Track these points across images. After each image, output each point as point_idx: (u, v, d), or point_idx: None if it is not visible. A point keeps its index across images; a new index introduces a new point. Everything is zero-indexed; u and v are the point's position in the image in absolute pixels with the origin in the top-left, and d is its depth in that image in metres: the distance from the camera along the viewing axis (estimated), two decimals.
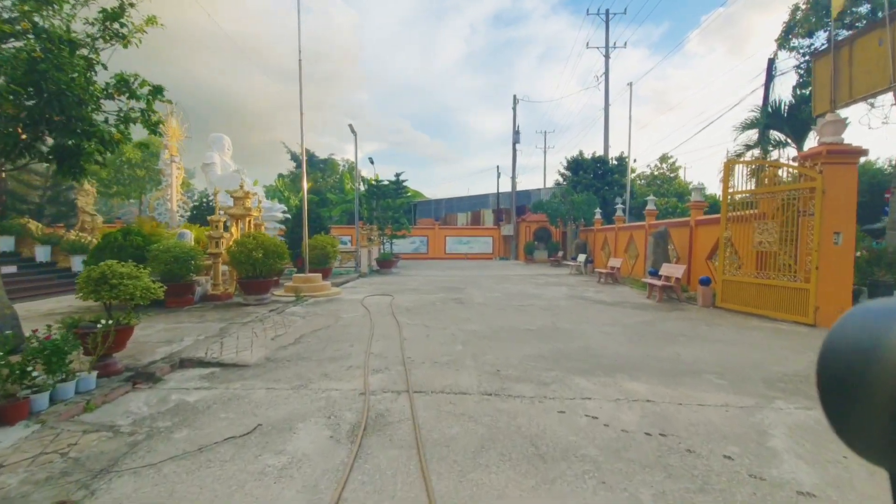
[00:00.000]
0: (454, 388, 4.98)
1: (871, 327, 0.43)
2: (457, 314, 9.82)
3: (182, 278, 10.57)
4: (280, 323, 8.76)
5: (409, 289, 14.72)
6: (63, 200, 17.99)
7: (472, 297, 12.75)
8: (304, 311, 10.01)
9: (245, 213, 12.77)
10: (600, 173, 32.74)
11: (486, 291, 14.00)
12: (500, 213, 35.95)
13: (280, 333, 7.82)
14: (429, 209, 38.62)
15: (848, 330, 0.46)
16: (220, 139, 24.03)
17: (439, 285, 15.90)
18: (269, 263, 10.90)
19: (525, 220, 32.43)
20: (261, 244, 10.70)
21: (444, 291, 14.01)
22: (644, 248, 18.10)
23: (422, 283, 16.54)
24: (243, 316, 9.37)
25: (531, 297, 12.63)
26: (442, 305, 11.08)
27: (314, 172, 40.97)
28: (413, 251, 33.62)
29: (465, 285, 15.86)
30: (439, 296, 12.92)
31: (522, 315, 9.74)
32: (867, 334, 0.43)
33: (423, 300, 11.99)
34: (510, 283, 16.96)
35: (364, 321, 8.98)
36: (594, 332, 8.07)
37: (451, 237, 34.30)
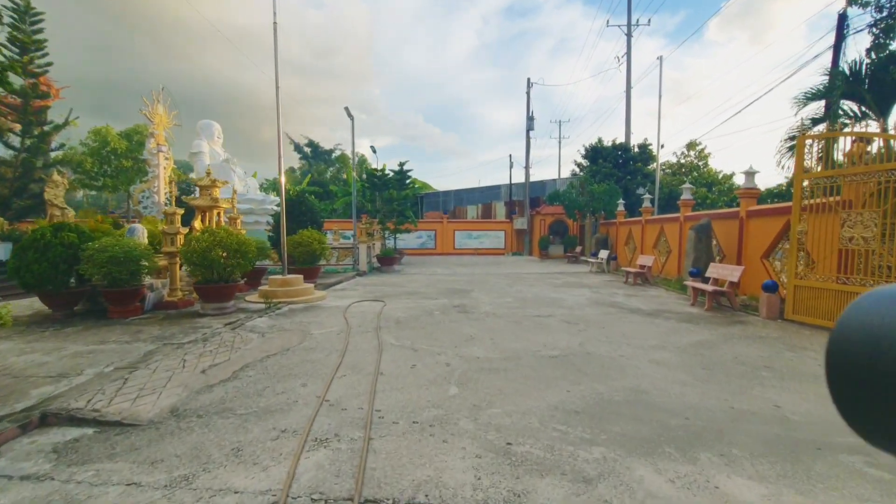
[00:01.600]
0: (435, 493, 2.94)
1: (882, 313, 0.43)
2: (458, 330, 7.78)
3: (126, 283, 8.71)
4: (228, 344, 6.81)
5: (407, 292, 12.72)
6: (32, 193, 16.39)
7: (480, 303, 10.69)
8: (267, 325, 8.07)
9: (211, 205, 10.87)
10: (621, 162, 30.33)
11: (496, 296, 11.92)
12: (512, 206, 33.74)
13: (218, 362, 5.87)
14: (436, 202, 36.57)
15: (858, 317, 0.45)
16: (209, 126, 22.23)
17: (443, 287, 13.87)
18: (233, 265, 8.97)
19: (539, 212, 30.20)
20: (220, 241, 8.77)
21: (448, 296, 11.98)
22: (679, 244, 15.84)
23: (423, 285, 14.53)
24: (188, 332, 7.46)
25: (550, 304, 10.53)
26: (441, 316, 9.05)
27: (318, 164, 39.22)
28: (419, 246, 31.63)
29: (472, 287, 13.80)
30: (440, 302, 10.89)
31: (541, 332, 7.66)
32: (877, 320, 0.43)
33: (419, 308, 9.98)
34: (524, 283, 14.86)
35: (338, 341, 7.00)
36: (641, 360, 5.96)
37: (460, 231, 32.22)
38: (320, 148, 41.33)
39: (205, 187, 11.03)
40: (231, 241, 8.88)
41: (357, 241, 19.01)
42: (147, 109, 22.20)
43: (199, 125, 22.16)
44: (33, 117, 16.39)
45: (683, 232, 15.60)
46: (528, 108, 31.10)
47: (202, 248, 8.57)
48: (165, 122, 22.46)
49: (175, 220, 9.78)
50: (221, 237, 8.85)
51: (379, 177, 22.24)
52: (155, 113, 22.57)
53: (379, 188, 22.44)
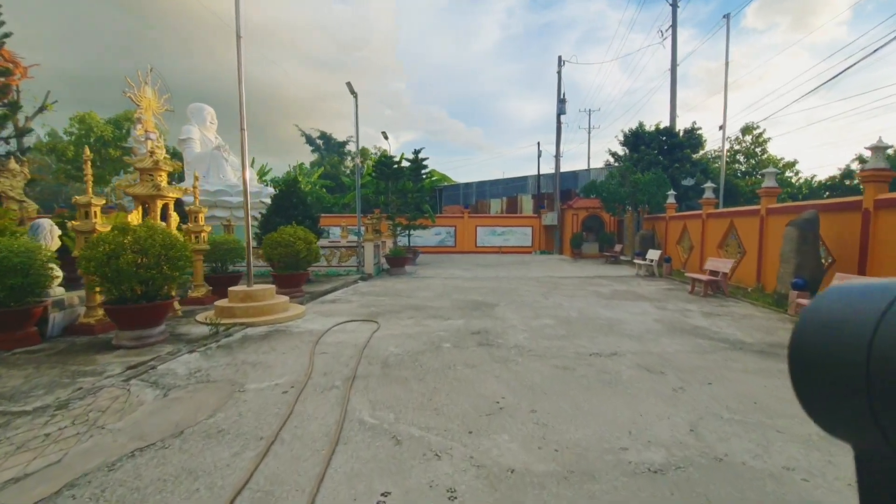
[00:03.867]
0: None
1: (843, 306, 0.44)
2: (477, 386, 4.91)
3: (8, 301, 6.18)
4: (95, 415, 4.13)
5: (414, 305, 9.89)
6: None
7: (508, 327, 7.78)
8: (186, 371, 5.35)
9: (154, 194, 8.27)
10: (666, 148, 26.78)
11: (529, 314, 8.97)
12: (541, 199, 30.53)
13: (34, 469, 3.17)
14: (457, 195, 33.63)
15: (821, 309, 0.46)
16: (200, 109, 19.88)
17: (460, 298, 10.99)
18: (153, 276, 6.30)
19: (571, 206, 26.96)
20: (132, 243, 6.09)
21: (465, 313, 9.10)
22: (759, 244, 12.54)
23: (436, 294, 11.68)
24: (61, 383, 4.83)
25: (607, 330, 7.53)
26: (453, 354, 6.18)
27: (331, 157, 36.84)
28: (438, 244, 28.77)
29: (497, 299, 10.88)
30: (454, 324, 8.02)
31: (612, 394, 4.71)
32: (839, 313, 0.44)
33: (424, 336, 7.13)
34: (562, 293, 11.84)
35: (275, 410, 4.23)
36: (827, 473, 2.97)
37: (482, 227, 29.20)
38: (333, 140, 38.92)
39: (145, 170, 8.43)
40: (151, 243, 6.20)
41: (361, 239, 16.30)
42: (132, 92, 20.06)
43: (190, 109, 19.83)
44: None
45: (767, 228, 12.30)
46: (560, 90, 27.80)
47: (104, 254, 5.91)
48: (155, 106, 20.04)
49: (91, 212, 7.18)
50: (139, 236, 6.18)
51: (389, 165, 19.46)
52: (142, 96, 20.37)
53: (391, 178, 19.66)
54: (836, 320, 0.44)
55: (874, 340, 0.40)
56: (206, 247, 9.91)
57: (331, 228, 26.55)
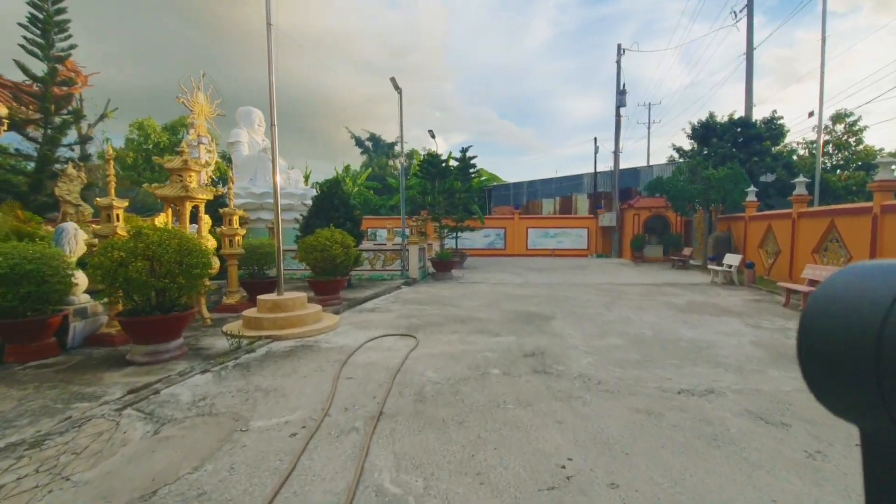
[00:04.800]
0: None
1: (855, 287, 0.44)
2: (532, 437, 3.79)
3: (25, 312, 5.77)
4: (66, 458, 3.42)
5: (458, 317, 8.86)
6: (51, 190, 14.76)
7: (568, 348, 6.57)
8: (190, 399, 4.60)
9: (182, 196, 7.77)
10: (741, 141, 24.22)
11: (592, 330, 7.69)
12: (597, 199, 28.59)
13: None
14: (507, 195, 32.27)
15: (832, 290, 0.46)
16: (248, 113, 19.95)
17: (510, 308, 9.84)
18: (174, 287, 5.68)
19: (632, 206, 24.93)
20: (143, 250, 5.47)
21: (516, 327, 7.95)
22: (871, 247, 10.46)
23: (484, 303, 10.59)
24: (52, 408, 4.22)
25: (693, 356, 6.14)
26: (502, 383, 5.09)
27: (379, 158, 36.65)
28: (486, 246, 27.59)
29: (553, 310, 9.63)
30: (503, 342, 6.90)
31: (722, 461, 3.44)
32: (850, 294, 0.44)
33: (468, 357, 6.08)
34: (628, 303, 10.38)
35: (275, 463, 3.34)
36: None
37: (534, 229, 27.69)
38: (382, 141, 38.74)
39: (175, 170, 7.96)
40: (164, 249, 5.56)
41: (405, 242, 15.50)
42: (185, 97, 20.46)
43: (238, 112, 19.94)
44: (53, 106, 14.89)
45: (882, 230, 10.22)
46: (619, 81, 25.82)
47: (113, 262, 5.32)
48: (207, 111, 20.37)
49: (113, 215, 6.72)
50: (151, 241, 5.56)
51: (436, 164, 18.57)
52: (195, 101, 20.76)
53: (437, 178, 18.78)
54: (848, 301, 0.43)
55: (886, 321, 0.39)
56: (240, 251, 9.40)
57: (377, 231, 26.11)
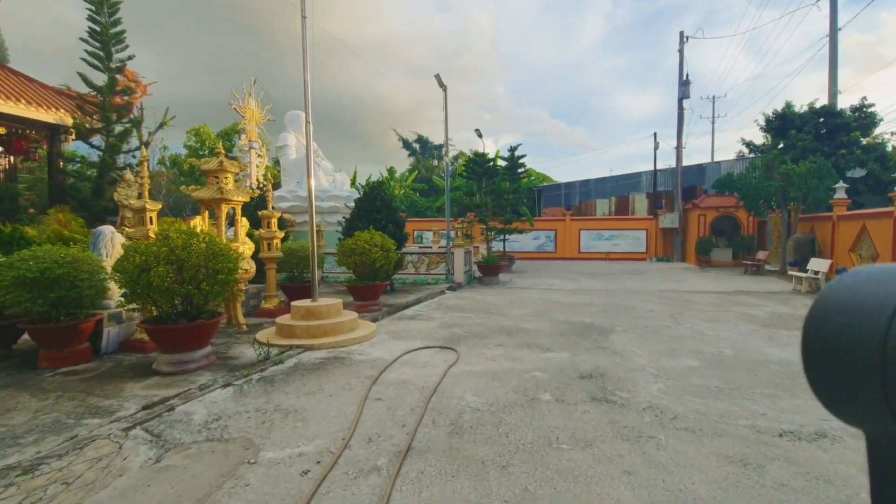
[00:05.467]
0: None
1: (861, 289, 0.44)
2: (593, 492, 3.00)
3: (58, 317, 5.65)
4: (57, 488, 3.02)
5: (505, 328, 8.09)
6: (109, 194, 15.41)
7: (632, 371, 5.64)
8: (204, 419, 4.16)
9: (219, 198, 7.54)
10: (825, 132, 21.77)
11: (659, 347, 6.69)
12: (657, 198, 26.68)
13: None
14: (557, 196, 30.90)
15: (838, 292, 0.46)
16: (296, 117, 20.09)
17: (562, 318, 8.94)
18: (198, 293, 5.34)
19: (697, 205, 23.01)
20: (168, 254, 5.15)
21: (569, 341, 7.09)
22: None
23: (533, 311, 9.74)
24: (65, 422, 3.90)
25: (790, 384, 5.05)
26: (554, 418, 4.30)
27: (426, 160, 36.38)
28: (536, 249, 26.45)
29: (610, 321, 8.65)
30: (556, 359, 6.08)
31: None
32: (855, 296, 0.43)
33: (514, 377, 5.32)
34: (699, 315, 9.18)
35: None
36: None
37: (587, 231, 26.24)
38: (430, 143, 38.48)
39: (211, 172, 7.75)
40: (188, 254, 5.22)
41: (450, 245, 14.88)
42: (237, 103, 20.95)
43: (287, 116, 20.16)
44: (114, 115, 15.58)
45: None
46: (682, 71, 23.95)
47: (135, 266, 5.03)
48: (258, 117, 20.79)
49: (147, 217, 6.54)
50: (175, 245, 5.24)
51: (482, 163, 17.84)
52: (246, 107, 21.12)
53: (483, 178, 18.05)
54: (853, 304, 0.43)
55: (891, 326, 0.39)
56: (278, 254, 9.12)
57: (423, 233, 25.72)
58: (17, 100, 13.37)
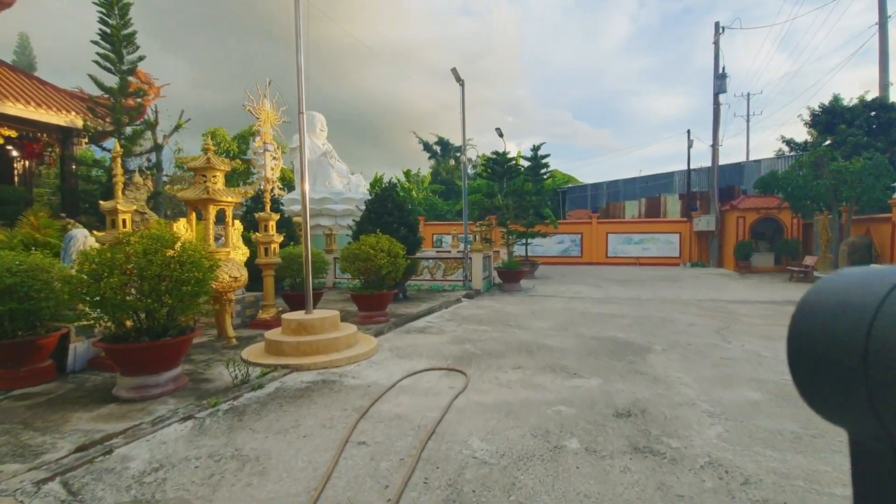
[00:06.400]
0: None
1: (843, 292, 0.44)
2: None
3: (13, 332, 4.99)
4: None
5: (524, 344, 7.11)
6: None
7: (680, 405, 4.59)
8: (141, 469, 3.34)
9: (206, 199, 6.82)
10: (876, 127, 20.00)
11: (708, 371, 5.58)
12: (691, 199, 25.11)
13: None
14: (583, 197, 29.55)
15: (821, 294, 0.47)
16: (311, 117, 19.55)
17: (590, 333, 7.90)
18: (160, 308, 4.57)
19: (736, 206, 21.44)
20: (126, 263, 4.40)
21: (600, 363, 6.05)
22: None
23: (557, 324, 8.72)
24: None
25: None
26: (584, 479, 3.30)
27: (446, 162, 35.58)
28: (560, 253, 25.22)
29: (646, 337, 7.56)
30: (584, 387, 5.07)
31: None
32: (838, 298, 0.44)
33: (532, 415, 4.35)
34: (749, 330, 7.98)
35: None
36: None
37: (615, 235, 24.87)
38: (450, 145, 37.63)
39: (198, 170, 7.05)
40: (148, 262, 4.45)
41: (469, 249, 13.95)
42: (251, 105, 20.55)
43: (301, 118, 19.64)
44: (125, 117, 15.33)
45: None
46: (717, 63, 22.41)
47: (87, 275, 4.28)
48: (273, 118, 20.39)
49: (122, 220, 5.84)
50: (133, 251, 4.48)
51: (502, 163, 16.86)
52: (261, 109, 20.80)
53: (504, 178, 17.06)
54: (836, 306, 0.44)
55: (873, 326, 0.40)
56: (276, 260, 8.39)
57: (443, 237, 24.87)
58: (26, 102, 13.15)
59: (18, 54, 28.90)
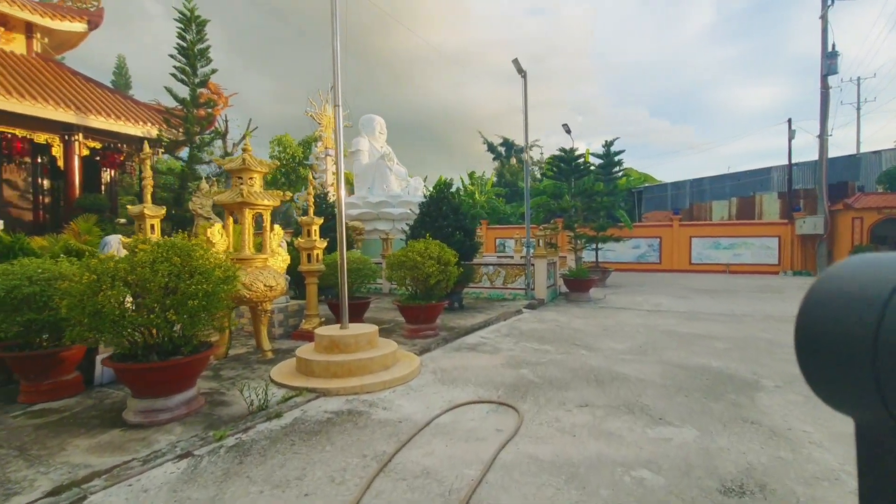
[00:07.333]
0: None
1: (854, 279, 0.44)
2: None
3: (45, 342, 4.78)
4: None
5: (593, 371, 5.93)
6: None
7: (817, 480, 3.26)
8: None
9: (241, 202, 6.37)
10: None
11: (852, 433, 4.14)
12: (792, 198, 21.94)
13: None
14: (662, 198, 26.97)
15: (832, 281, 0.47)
16: (370, 120, 19.39)
17: (676, 359, 6.52)
18: (164, 324, 4.05)
19: (851, 205, 18.31)
20: (128, 273, 3.92)
21: (691, 403, 4.77)
22: None
23: (632, 346, 7.40)
24: None
25: None
26: None
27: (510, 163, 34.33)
28: (635, 259, 23.07)
29: (752, 366, 6.06)
30: (673, 442, 3.87)
31: None
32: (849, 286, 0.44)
33: (602, 484, 3.26)
34: None
35: None
36: None
37: (700, 238, 22.28)
38: (515, 145, 36.29)
39: (234, 172, 6.64)
40: (151, 273, 3.93)
41: (532, 255, 12.81)
42: (314, 111, 20.79)
43: (361, 121, 19.52)
44: (196, 126, 15.90)
45: None
46: (826, 40, 19.30)
47: (84, 287, 3.83)
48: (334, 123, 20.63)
49: (146, 225, 5.50)
50: (136, 261, 3.99)
51: (569, 161, 15.48)
52: (323, 114, 20.95)
53: (571, 177, 15.67)
54: (846, 294, 0.43)
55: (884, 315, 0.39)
56: (319, 267, 7.86)
57: (505, 241, 23.75)
58: (107, 115, 13.98)
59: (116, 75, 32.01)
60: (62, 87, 13.86)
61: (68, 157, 13.94)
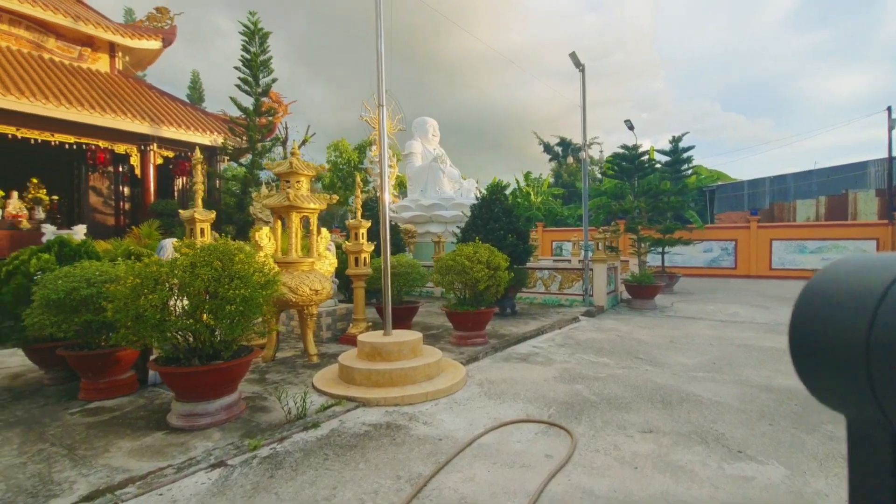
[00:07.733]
0: None
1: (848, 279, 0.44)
2: None
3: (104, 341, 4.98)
4: None
5: (658, 391, 5.32)
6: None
7: None
8: None
9: (289, 206, 6.37)
10: None
11: None
12: (893, 196, 19.37)
13: None
14: (738, 197, 24.79)
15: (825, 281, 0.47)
16: (423, 123, 19.37)
17: (757, 378, 5.73)
18: (203, 329, 4.02)
19: None
20: (170, 276, 3.91)
21: (777, 434, 4.07)
22: None
23: (704, 361, 6.63)
24: None
25: None
26: None
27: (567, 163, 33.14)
28: (707, 264, 21.32)
29: None
30: (756, 483, 3.26)
31: None
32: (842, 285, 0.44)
33: None
34: None
35: None
36: None
37: (781, 241, 20.19)
38: (572, 144, 34.99)
39: (282, 175, 6.66)
40: (192, 276, 3.90)
41: (590, 258, 12.09)
42: (368, 115, 21.06)
43: (414, 123, 19.52)
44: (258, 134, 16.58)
45: None
46: None
47: (129, 290, 3.87)
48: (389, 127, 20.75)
49: (197, 229, 5.60)
50: (181, 264, 3.98)
51: (632, 158, 14.52)
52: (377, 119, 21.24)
53: (634, 175, 14.70)
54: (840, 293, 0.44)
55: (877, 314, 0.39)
56: (367, 271, 7.75)
57: (563, 244, 22.87)
58: (178, 126, 14.90)
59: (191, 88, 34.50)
60: (139, 101, 14.95)
61: (144, 165, 14.99)
